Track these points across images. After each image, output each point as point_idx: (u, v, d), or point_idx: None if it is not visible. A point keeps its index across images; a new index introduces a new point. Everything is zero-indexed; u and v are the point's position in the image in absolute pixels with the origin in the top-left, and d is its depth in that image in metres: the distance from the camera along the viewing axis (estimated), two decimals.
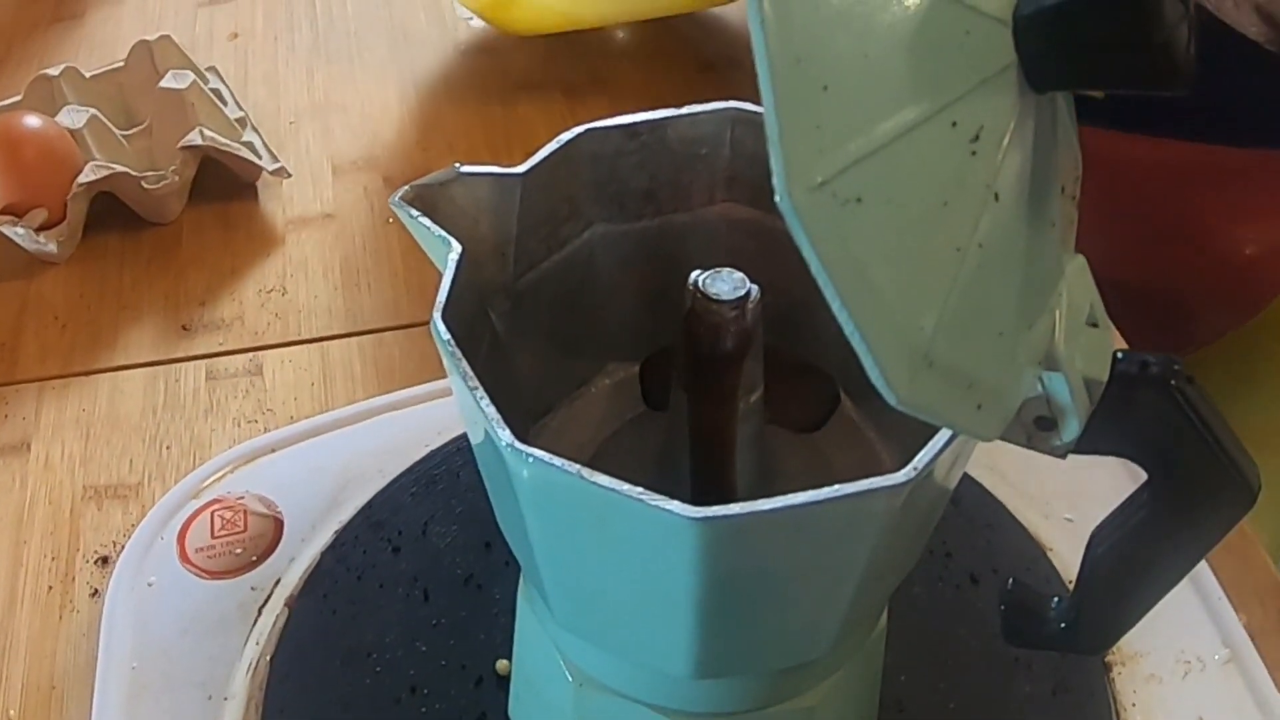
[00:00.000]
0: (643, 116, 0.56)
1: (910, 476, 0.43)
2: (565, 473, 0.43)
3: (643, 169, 0.58)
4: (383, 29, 1.23)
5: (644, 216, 0.59)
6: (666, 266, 0.60)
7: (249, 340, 0.89)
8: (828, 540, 0.46)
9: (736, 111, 0.57)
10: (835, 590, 0.49)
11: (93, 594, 0.73)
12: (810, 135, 0.36)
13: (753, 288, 0.52)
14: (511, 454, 0.44)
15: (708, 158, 0.58)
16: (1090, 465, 0.55)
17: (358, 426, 0.80)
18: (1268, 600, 0.69)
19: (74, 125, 0.98)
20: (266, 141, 1.04)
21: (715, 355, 0.53)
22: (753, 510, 0.42)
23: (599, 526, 0.45)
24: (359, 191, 1.03)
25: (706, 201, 0.60)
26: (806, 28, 0.37)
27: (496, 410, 0.45)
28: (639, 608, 0.49)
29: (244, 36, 1.24)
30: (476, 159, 1.01)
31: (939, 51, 0.40)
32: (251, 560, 0.72)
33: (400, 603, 0.70)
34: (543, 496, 0.46)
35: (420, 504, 0.75)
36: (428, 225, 0.51)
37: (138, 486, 0.79)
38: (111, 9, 1.30)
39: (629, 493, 0.42)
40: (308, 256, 0.97)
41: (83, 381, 0.87)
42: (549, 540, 0.49)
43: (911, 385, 0.39)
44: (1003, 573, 0.70)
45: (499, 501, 0.52)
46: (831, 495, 0.43)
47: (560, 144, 0.55)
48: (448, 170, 0.54)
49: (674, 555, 0.44)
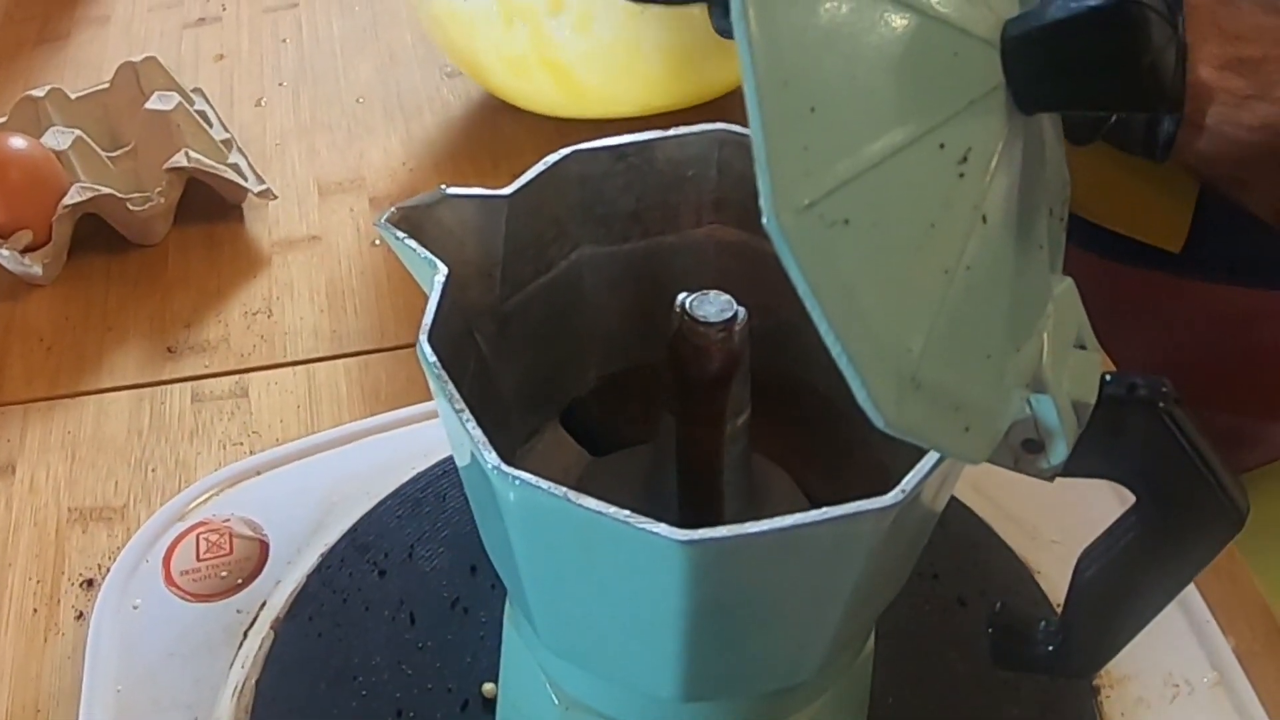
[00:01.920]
0: (630, 138, 0.56)
1: (898, 499, 0.43)
2: (552, 495, 0.43)
3: (629, 191, 0.58)
4: (369, 51, 1.23)
5: (631, 238, 0.59)
6: (654, 289, 0.60)
7: (235, 362, 0.89)
8: (816, 562, 0.45)
9: (724, 133, 0.57)
10: (824, 612, 0.48)
11: (78, 617, 0.72)
12: (798, 157, 0.36)
13: (740, 310, 0.52)
14: (498, 476, 0.43)
15: (695, 180, 0.58)
16: (1078, 488, 0.55)
17: (344, 449, 0.80)
18: (1256, 623, 0.69)
19: (59, 147, 0.98)
20: (252, 163, 1.04)
21: (703, 378, 0.53)
22: (741, 533, 0.42)
23: (586, 549, 0.45)
24: (345, 213, 1.03)
25: (694, 223, 0.60)
26: (794, 49, 0.37)
27: (483, 433, 0.45)
28: (626, 630, 0.49)
29: (229, 58, 1.24)
30: (463, 180, 1.01)
31: (927, 73, 0.40)
32: (237, 583, 0.72)
33: (386, 625, 0.70)
34: (529, 519, 0.45)
35: (406, 527, 0.75)
36: (414, 247, 0.51)
37: (123, 509, 0.79)
38: (97, 30, 1.30)
39: (616, 515, 0.42)
40: (294, 278, 0.96)
41: (68, 404, 0.86)
42: (536, 563, 0.48)
43: (899, 408, 0.39)
44: (990, 595, 0.70)
45: (485, 525, 0.52)
46: (820, 518, 0.42)
47: (547, 165, 0.55)
48: (434, 192, 0.53)
49: (662, 578, 0.44)
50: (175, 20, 1.31)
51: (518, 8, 0.99)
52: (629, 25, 0.99)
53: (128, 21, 1.31)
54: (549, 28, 0.99)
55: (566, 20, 0.99)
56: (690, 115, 1.02)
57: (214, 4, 1.33)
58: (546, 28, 0.99)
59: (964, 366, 0.42)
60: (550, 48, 1.01)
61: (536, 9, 0.98)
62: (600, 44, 1.00)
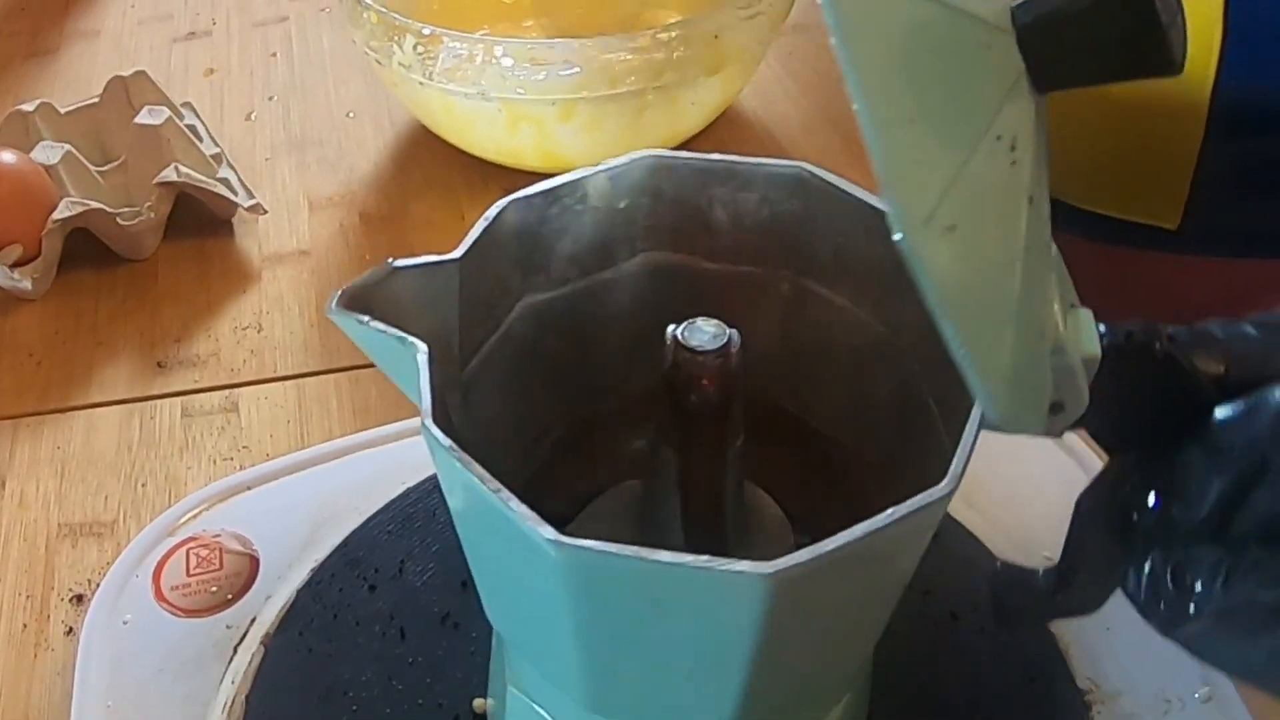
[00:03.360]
0: (563, 179, 0.56)
1: (951, 487, 0.45)
2: (623, 557, 0.42)
3: (565, 233, 0.57)
4: (359, 64, 1.23)
5: (569, 281, 0.59)
6: (598, 326, 0.60)
7: (225, 377, 0.89)
8: (879, 567, 0.46)
9: (655, 159, 0.57)
10: (872, 617, 0.49)
11: (68, 632, 0.72)
12: (913, 171, 0.38)
13: (732, 333, 0.52)
14: (558, 550, 0.42)
15: (628, 210, 0.58)
16: (1069, 502, 0.55)
17: (334, 464, 0.79)
18: None
19: (49, 161, 0.97)
20: (242, 177, 1.04)
21: (705, 406, 0.52)
22: (819, 554, 0.42)
23: (655, 603, 0.45)
24: (335, 228, 1.03)
25: (629, 254, 0.60)
26: (885, 62, 0.38)
27: (527, 507, 0.44)
28: (687, 674, 0.49)
29: (219, 72, 1.24)
30: (453, 195, 1.02)
31: (973, 69, 0.42)
32: (227, 598, 0.72)
33: (377, 641, 0.70)
34: (590, 586, 0.45)
35: (397, 542, 0.75)
36: (382, 329, 0.49)
37: (113, 524, 0.78)
38: (86, 44, 1.30)
39: (695, 563, 0.42)
40: (283, 293, 0.96)
41: (58, 418, 0.86)
42: (593, 629, 0.47)
43: (1009, 403, 0.41)
44: (983, 610, 0.70)
45: (515, 604, 0.51)
46: (889, 520, 0.43)
47: (488, 220, 0.54)
48: (381, 268, 0.51)
49: (742, 614, 0.44)
50: (165, 34, 1.31)
51: (524, 114, 0.99)
52: (636, 123, 1.00)
53: (117, 36, 1.31)
54: (557, 132, 1.00)
55: (576, 125, 0.99)
56: None
57: (204, 18, 1.33)
58: (555, 132, 1.00)
59: (1035, 349, 0.44)
60: (553, 145, 1.01)
61: (545, 116, 0.98)
62: (607, 138, 1.01)
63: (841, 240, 0.58)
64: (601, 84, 0.95)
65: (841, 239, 0.58)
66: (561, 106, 0.97)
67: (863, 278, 0.58)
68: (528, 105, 0.97)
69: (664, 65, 0.95)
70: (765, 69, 1.19)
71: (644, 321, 0.62)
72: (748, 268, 0.61)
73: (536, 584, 0.47)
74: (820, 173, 0.57)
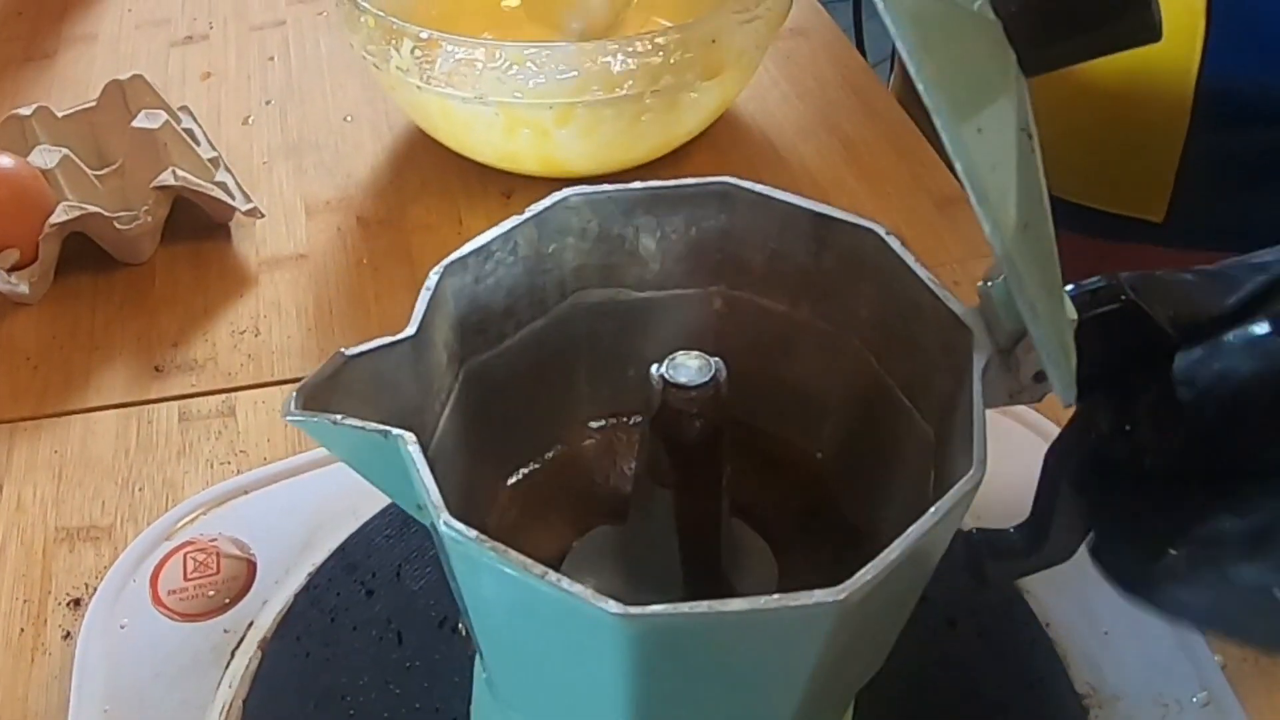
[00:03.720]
0: (492, 234, 0.55)
1: (982, 470, 0.45)
2: (695, 615, 0.41)
3: (499, 287, 0.57)
4: (356, 68, 1.23)
5: (506, 336, 0.58)
6: (538, 377, 0.60)
7: (222, 381, 0.89)
8: (923, 559, 0.47)
9: (579, 197, 0.57)
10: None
11: (65, 636, 0.72)
12: (997, 184, 0.39)
13: (716, 362, 0.51)
14: (625, 622, 0.41)
15: (556, 254, 0.58)
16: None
17: (331, 468, 0.79)
18: None
19: (46, 165, 0.97)
20: (239, 181, 1.04)
21: (701, 442, 0.52)
22: (881, 567, 0.42)
23: (720, 652, 0.45)
24: (332, 232, 1.03)
25: (559, 298, 0.59)
26: (954, 82, 0.39)
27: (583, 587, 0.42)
28: (735, 710, 0.49)
29: (217, 76, 1.24)
30: (450, 199, 1.02)
31: (991, 65, 0.42)
32: (224, 603, 0.72)
33: (374, 645, 0.70)
34: (656, 650, 0.44)
35: (394, 546, 0.75)
36: (358, 425, 0.47)
37: (110, 528, 0.78)
38: (83, 48, 1.30)
39: (768, 604, 0.41)
40: (281, 297, 0.96)
41: (55, 423, 0.86)
42: (648, 692, 0.46)
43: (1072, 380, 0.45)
44: (980, 616, 0.70)
45: (546, 678, 0.50)
46: (936, 517, 0.44)
47: (430, 290, 0.52)
48: (333, 359, 0.49)
49: (806, 643, 0.44)
50: (162, 38, 1.31)
51: (522, 119, 0.99)
52: (633, 127, 1.00)
53: (114, 40, 1.31)
54: (555, 136, 1.00)
55: (574, 129, 0.99)
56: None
57: (201, 22, 1.33)
58: (553, 136, 1.00)
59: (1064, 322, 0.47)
60: (551, 148, 1.01)
61: (544, 121, 0.98)
62: (604, 142, 1.01)
63: (774, 247, 0.58)
64: (599, 88, 0.95)
65: (774, 245, 0.58)
66: (559, 111, 0.96)
67: (799, 281, 0.58)
68: (525, 109, 0.97)
69: (661, 69, 0.95)
70: (763, 73, 1.18)
71: (580, 364, 0.62)
72: (677, 290, 0.60)
73: (586, 659, 0.46)
74: (745, 184, 0.57)
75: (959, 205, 1.01)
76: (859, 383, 0.58)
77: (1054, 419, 0.74)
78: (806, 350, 0.60)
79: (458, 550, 0.45)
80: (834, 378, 0.59)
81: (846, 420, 0.60)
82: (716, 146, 1.09)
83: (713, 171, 0.58)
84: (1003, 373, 0.50)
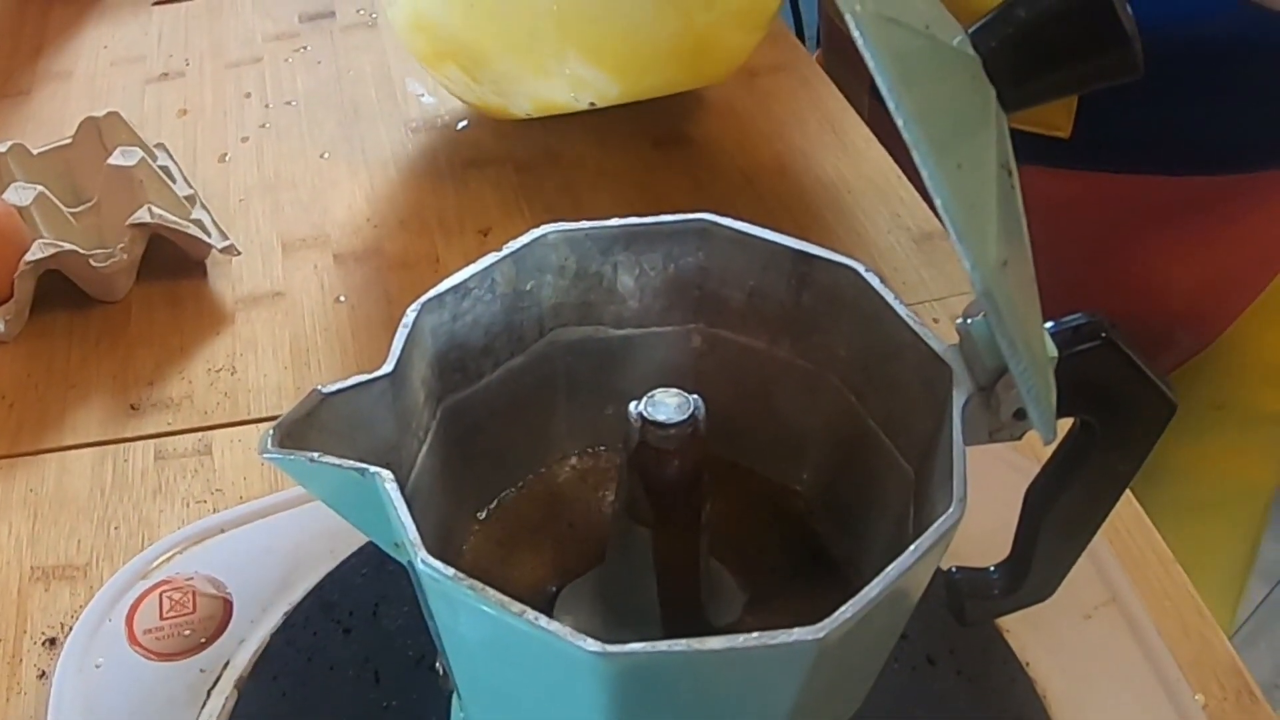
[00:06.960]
0: (469, 270, 0.55)
1: (962, 508, 0.45)
2: (674, 654, 0.42)
3: (477, 325, 0.57)
4: (333, 105, 1.23)
5: (484, 373, 0.58)
6: (516, 415, 0.60)
7: (198, 420, 0.89)
8: (902, 597, 0.47)
9: (558, 235, 0.57)
10: (892, 639, 0.50)
11: (40, 675, 0.72)
12: (976, 222, 0.39)
13: (694, 398, 0.51)
14: (605, 660, 0.41)
15: (534, 291, 0.58)
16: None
17: (307, 507, 0.79)
18: (1226, 680, 0.69)
19: (21, 202, 0.97)
20: (216, 219, 1.04)
21: (680, 480, 0.52)
22: (860, 605, 0.42)
23: (699, 689, 0.45)
24: (309, 269, 1.02)
25: (537, 335, 0.59)
26: (935, 119, 0.39)
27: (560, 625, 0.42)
28: None
29: (193, 113, 1.24)
30: (428, 236, 1.02)
31: (971, 101, 0.43)
32: (200, 642, 0.72)
33: (351, 685, 0.70)
34: (636, 688, 0.44)
35: (371, 585, 0.74)
36: (335, 463, 0.47)
37: (86, 567, 0.78)
38: (59, 85, 1.30)
39: (747, 643, 0.41)
40: (257, 335, 0.96)
41: (30, 461, 0.86)
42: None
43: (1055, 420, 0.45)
44: (960, 655, 0.70)
45: (537, 715, 0.50)
46: (916, 555, 0.44)
47: (407, 327, 0.52)
48: (310, 397, 0.49)
49: (785, 679, 0.44)
50: (138, 75, 1.30)
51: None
52: None
53: (90, 76, 1.31)
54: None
55: None
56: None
57: (177, 59, 1.33)
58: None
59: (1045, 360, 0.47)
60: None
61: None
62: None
63: (752, 284, 0.58)
64: None
65: (752, 283, 0.58)
66: None
67: (778, 318, 0.59)
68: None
69: None
70: (742, 110, 1.19)
71: (559, 402, 0.62)
72: (656, 328, 0.61)
73: (564, 698, 0.46)
74: (724, 221, 0.57)
75: (938, 242, 1.02)
76: (839, 420, 0.58)
77: (1034, 456, 0.74)
78: (786, 388, 0.60)
79: (435, 588, 0.45)
80: (814, 415, 0.59)
81: (826, 458, 0.60)
82: (695, 183, 1.10)
83: (690, 208, 0.58)
84: (983, 410, 0.50)
